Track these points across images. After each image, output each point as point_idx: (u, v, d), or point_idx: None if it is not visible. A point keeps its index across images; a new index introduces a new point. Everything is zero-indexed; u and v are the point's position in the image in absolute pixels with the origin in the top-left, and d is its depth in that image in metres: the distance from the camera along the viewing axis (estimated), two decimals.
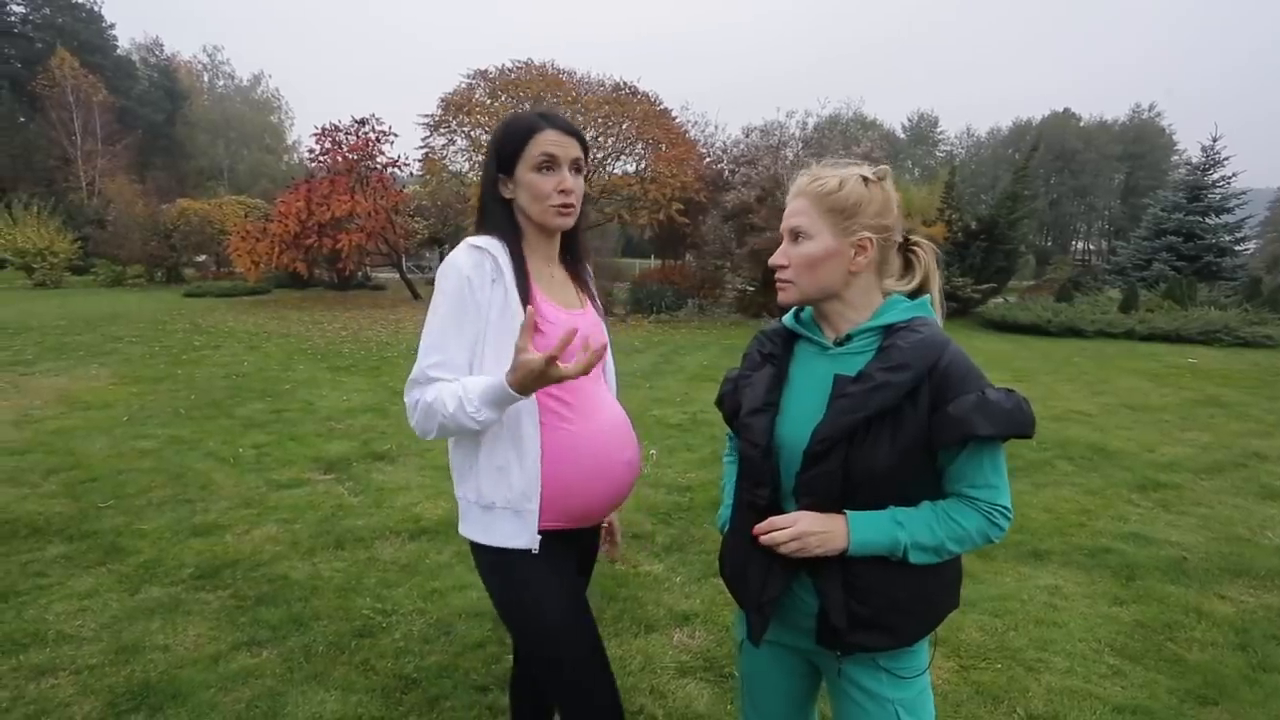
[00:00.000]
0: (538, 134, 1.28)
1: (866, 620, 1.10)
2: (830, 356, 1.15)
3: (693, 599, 2.84)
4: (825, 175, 1.13)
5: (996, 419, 1.02)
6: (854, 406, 1.06)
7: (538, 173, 1.28)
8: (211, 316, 13.10)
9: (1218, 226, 18.41)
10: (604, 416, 1.37)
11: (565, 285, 1.42)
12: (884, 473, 1.06)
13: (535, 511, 1.27)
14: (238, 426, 5.37)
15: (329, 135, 15.61)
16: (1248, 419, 6.29)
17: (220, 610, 2.68)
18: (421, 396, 1.24)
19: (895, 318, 1.12)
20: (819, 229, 1.12)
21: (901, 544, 1.06)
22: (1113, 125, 50.80)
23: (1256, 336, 11.52)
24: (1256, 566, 3.27)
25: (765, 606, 1.16)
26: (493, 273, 1.26)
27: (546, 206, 1.30)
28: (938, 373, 1.05)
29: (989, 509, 1.08)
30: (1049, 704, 2.23)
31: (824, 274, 1.13)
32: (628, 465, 1.39)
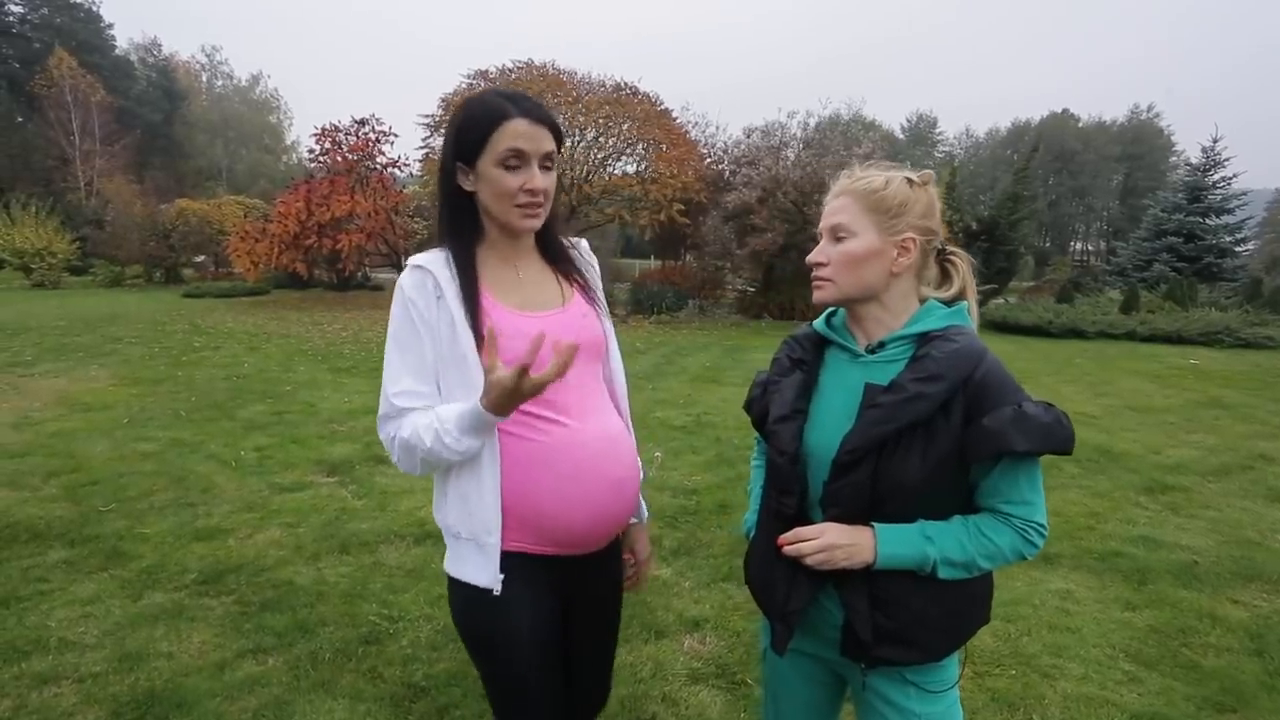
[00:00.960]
0: (506, 123, 1.12)
1: (892, 634, 1.07)
2: (862, 364, 1.12)
3: (703, 604, 2.81)
4: (869, 174, 1.10)
5: (1034, 434, 0.99)
6: (885, 417, 1.03)
7: (503, 168, 1.13)
8: (211, 317, 13.06)
9: (1218, 227, 18.44)
10: (589, 427, 1.20)
11: (541, 283, 1.26)
12: (914, 485, 1.03)
13: (496, 545, 1.15)
14: (239, 428, 5.34)
15: (329, 135, 15.58)
16: (1252, 421, 6.27)
17: (225, 617, 2.65)
18: (397, 432, 1.15)
19: (931, 325, 1.09)
20: (862, 226, 1.09)
21: (930, 559, 1.04)
22: (1111, 126, 50.88)
23: (1258, 338, 11.51)
24: (1268, 571, 3.25)
25: (790, 616, 1.13)
26: (435, 291, 1.15)
27: (510, 207, 1.16)
28: (973, 384, 1.02)
29: (1023, 526, 1.05)
30: (1065, 711, 2.20)
31: (866, 273, 1.09)
32: (614, 485, 1.21)
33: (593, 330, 1.27)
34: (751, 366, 8.77)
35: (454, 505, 1.20)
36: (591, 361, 1.26)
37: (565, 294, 1.28)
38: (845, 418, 1.08)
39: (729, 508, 3.89)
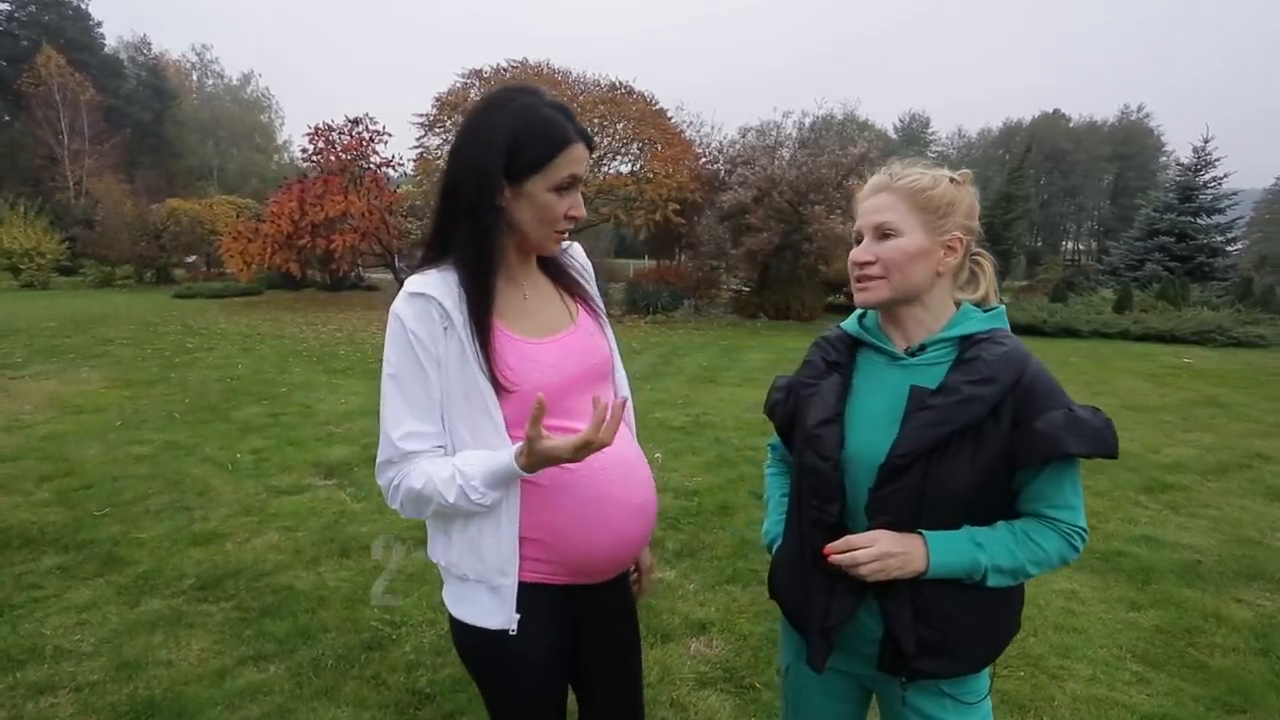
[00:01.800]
0: (570, 148, 1.05)
1: (935, 646, 1.05)
2: (903, 367, 1.09)
3: (708, 607, 2.79)
4: (914, 172, 1.07)
5: (1087, 437, 0.97)
6: (939, 420, 1.00)
7: (556, 194, 1.06)
8: (203, 318, 12.95)
9: (1209, 227, 18.57)
10: (608, 454, 1.09)
11: (547, 303, 1.19)
12: (963, 490, 1.01)
13: (512, 586, 1.10)
14: (234, 431, 5.28)
15: (322, 135, 15.48)
16: (1247, 419, 6.30)
17: (224, 623, 2.61)
18: (403, 481, 1.07)
19: (973, 328, 1.07)
20: (910, 225, 1.06)
21: (982, 566, 1.01)
22: (1102, 126, 51.16)
23: (1249, 336, 11.60)
24: (1270, 569, 3.26)
25: (830, 631, 1.09)
26: (442, 321, 1.06)
27: (551, 231, 1.10)
28: (1021, 387, 1.00)
29: (1069, 531, 1.03)
30: (1075, 713, 2.19)
31: (915, 272, 1.06)
32: (637, 511, 1.17)
33: (601, 349, 1.22)
34: (749, 367, 8.76)
35: (460, 547, 1.12)
36: (603, 382, 1.22)
37: (572, 311, 1.22)
38: (888, 421, 1.05)
39: (731, 509, 3.88)
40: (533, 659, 1.15)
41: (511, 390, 1.07)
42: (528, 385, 1.07)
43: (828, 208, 12.94)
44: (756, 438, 5.33)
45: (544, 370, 1.10)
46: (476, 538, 1.10)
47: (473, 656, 1.19)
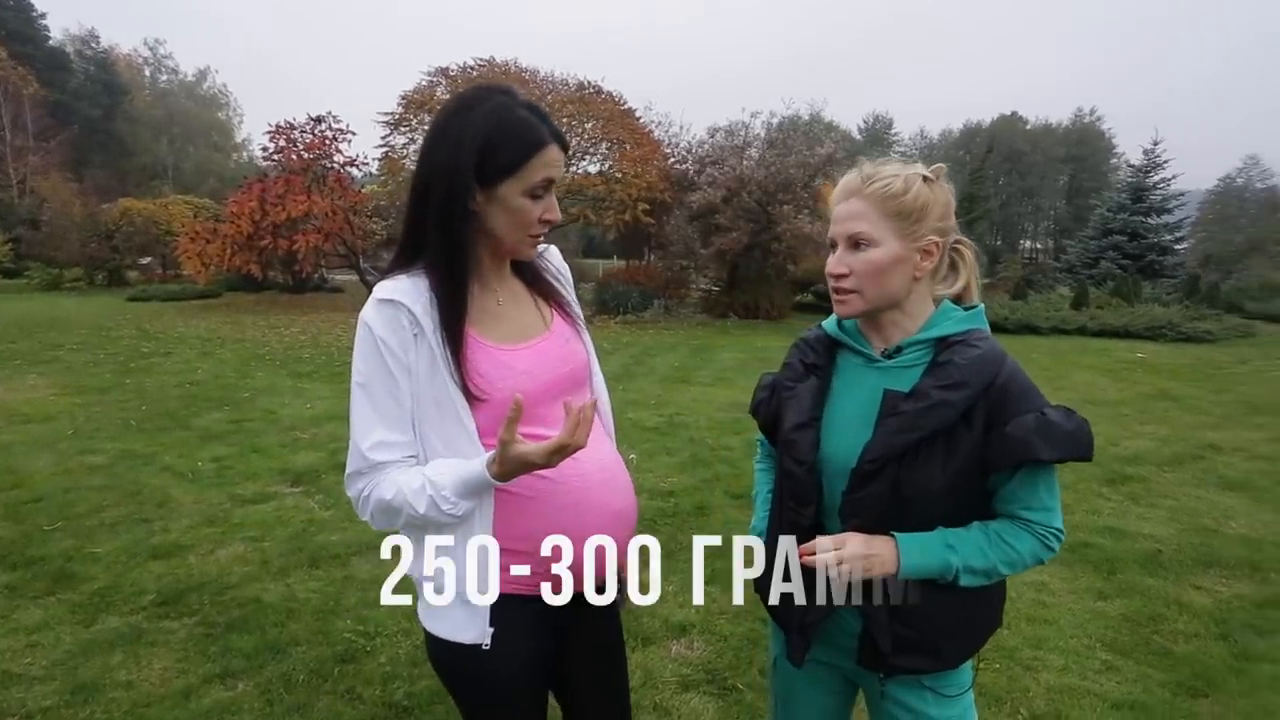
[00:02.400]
0: (545, 150, 1.02)
1: (911, 643, 1.05)
2: (879, 369, 1.09)
3: (687, 608, 2.78)
4: (884, 175, 1.05)
5: (1058, 442, 0.97)
6: (908, 426, 1.00)
7: (530, 198, 1.03)
8: (159, 321, 12.53)
9: (1159, 226, 19.26)
10: (587, 460, 1.09)
11: (521, 308, 1.16)
12: (936, 494, 1.01)
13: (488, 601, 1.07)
14: (195, 438, 5.11)
15: (283, 133, 15.08)
16: (1199, 411, 6.54)
17: (188, 639, 2.51)
18: (373, 491, 1.04)
19: (950, 329, 1.06)
20: (883, 234, 1.04)
21: (953, 567, 1.01)
22: (1057, 129, 52.63)
23: (1197, 332, 12.05)
24: (1226, 556, 3.37)
25: (808, 628, 1.10)
26: (411, 328, 1.03)
27: (525, 236, 1.07)
28: (994, 390, 1.00)
29: (1043, 532, 1.03)
30: (1050, 703, 2.23)
31: (890, 282, 1.05)
32: (616, 517, 1.14)
33: (578, 354, 1.19)
34: (720, 366, 8.80)
35: (431, 556, 1.08)
36: (580, 388, 1.19)
37: (546, 317, 1.19)
38: (862, 425, 1.05)
39: (707, 509, 3.88)
40: (509, 673, 1.12)
41: (483, 399, 1.05)
42: (500, 393, 1.04)
43: (796, 207, 13.07)
44: (730, 437, 5.35)
45: (517, 377, 1.08)
46: (450, 547, 1.07)
47: (447, 671, 1.15)
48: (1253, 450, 5.24)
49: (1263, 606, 2.91)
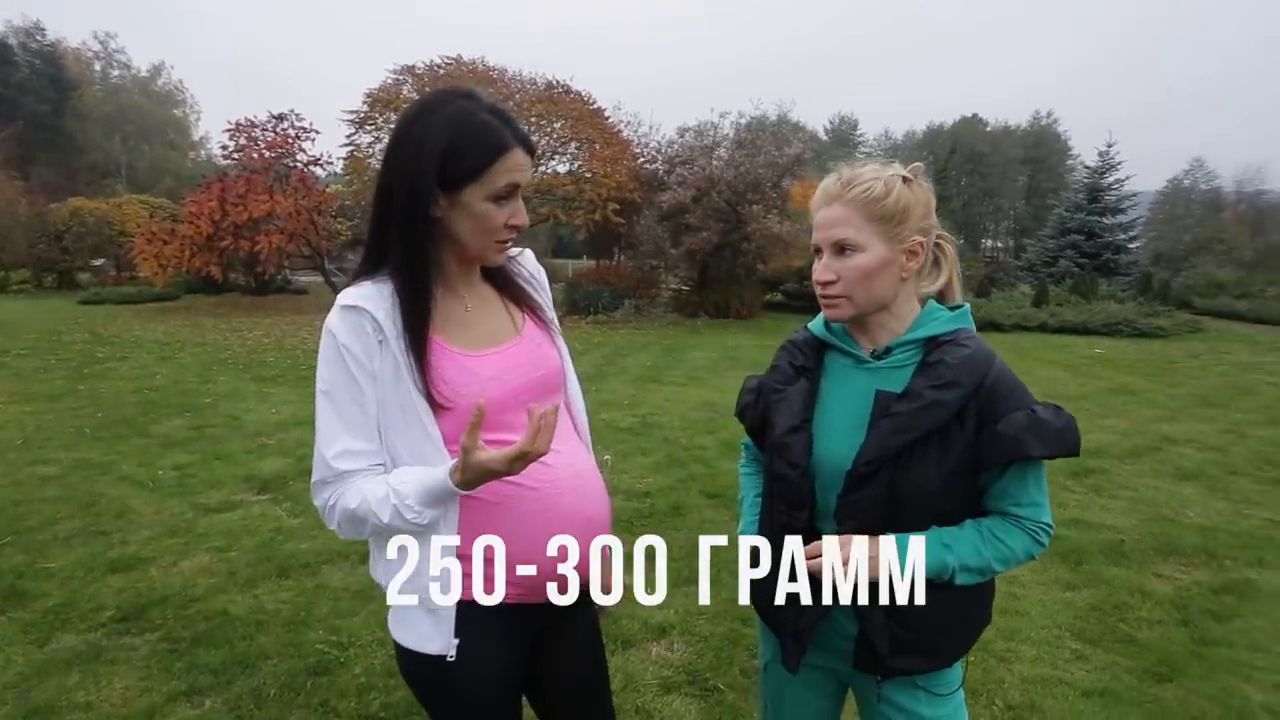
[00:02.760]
0: (507, 155, 1.00)
1: (908, 644, 1.06)
2: (868, 370, 1.09)
3: (666, 610, 2.77)
4: (864, 179, 1.05)
5: (1049, 439, 0.98)
6: (903, 426, 1.00)
7: (494, 203, 1.01)
8: (114, 325, 12.10)
9: (1114, 226, 19.86)
10: (558, 465, 1.08)
11: (490, 314, 1.14)
12: (930, 494, 1.02)
13: (451, 610, 1.05)
14: (155, 446, 4.94)
15: (244, 131, 14.71)
16: (1155, 405, 6.76)
17: (151, 656, 2.41)
18: (339, 501, 1.02)
19: (938, 329, 1.07)
20: (868, 239, 1.04)
21: (950, 567, 1.02)
22: (1015, 130, 54.04)
23: (1151, 327, 12.47)
24: (1184, 545, 3.49)
25: (803, 633, 1.10)
26: (375, 334, 1.01)
27: (491, 242, 1.05)
28: (985, 389, 1.01)
29: (1034, 527, 1.05)
30: (1024, 693, 2.28)
31: (878, 286, 1.05)
32: (586, 525, 1.11)
33: (549, 360, 1.16)
34: (692, 366, 8.83)
35: (398, 566, 1.07)
36: (552, 394, 1.16)
37: (517, 322, 1.16)
38: (855, 427, 1.05)
39: (683, 509, 3.88)
40: (479, 684, 1.09)
41: (448, 406, 1.03)
42: (465, 400, 1.02)
43: (765, 207, 13.18)
44: (704, 436, 5.36)
45: (484, 384, 1.06)
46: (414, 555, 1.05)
47: (416, 682, 1.13)
48: (1204, 441, 5.43)
49: (1219, 592, 3.02)
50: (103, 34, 41.22)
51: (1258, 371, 8.73)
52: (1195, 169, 48.01)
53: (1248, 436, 5.59)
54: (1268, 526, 3.76)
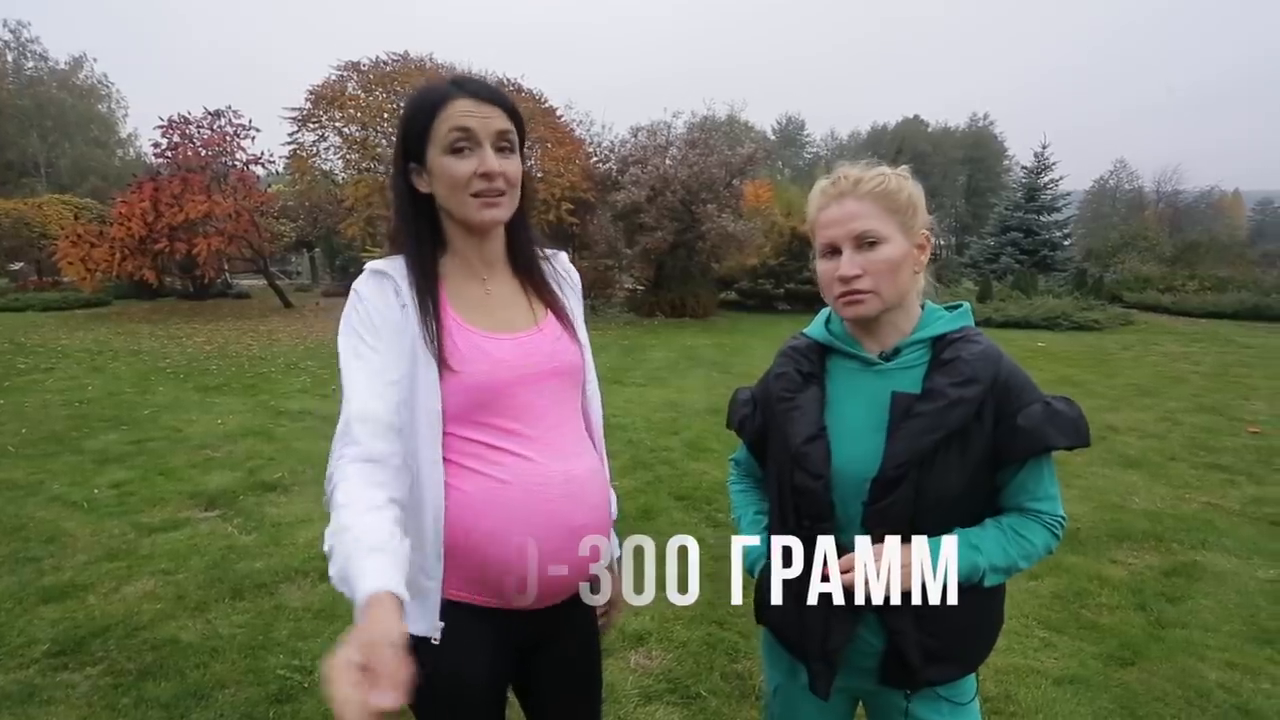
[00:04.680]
0: (447, 105, 1.01)
1: (938, 653, 1.03)
2: (878, 372, 1.06)
3: (642, 616, 2.73)
4: (873, 174, 1.04)
5: (1067, 430, 0.99)
6: (930, 426, 0.98)
7: (452, 155, 1.01)
8: (38, 333, 11.38)
9: (1050, 224, 20.75)
10: (551, 467, 1.04)
11: (510, 301, 1.12)
12: (955, 494, 1.00)
13: (436, 589, 1.01)
14: (89, 463, 4.63)
15: (177, 128, 14.04)
16: (1096, 395, 7.05)
17: (92, 692, 2.24)
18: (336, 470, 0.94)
19: (944, 327, 1.06)
20: (891, 231, 1.02)
21: (980, 569, 1.01)
22: (955, 131, 55.99)
23: (1087, 321, 13.07)
24: (1134, 530, 3.63)
25: (832, 654, 1.05)
26: (399, 300, 1.03)
27: (465, 197, 1.02)
28: (999, 384, 1.01)
29: (1051, 521, 1.04)
30: (999, 684, 2.32)
31: (902, 279, 1.03)
32: (572, 534, 1.05)
33: (568, 356, 1.12)
34: (651, 366, 8.81)
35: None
36: (567, 390, 1.12)
37: (538, 315, 1.13)
38: (870, 431, 1.02)
39: (652, 513, 3.84)
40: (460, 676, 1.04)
41: (455, 370, 1.00)
42: (474, 376, 1.01)
43: (719, 206, 13.28)
44: (669, 438, 5.34)
45: (494, 364, 1.03)
46: None
47: None
48: (1144, 429, 5.70)
49: (1169, 575, 3.15)
50: (14, 23, 38.65)
51: (1184, 361, 9.22)
52: (1119, 169, 50.62)
53: (1182, 423, 5.89)
54: (1206, 510, 3.95)
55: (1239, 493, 4.23)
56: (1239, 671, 2.40)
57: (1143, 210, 43.08)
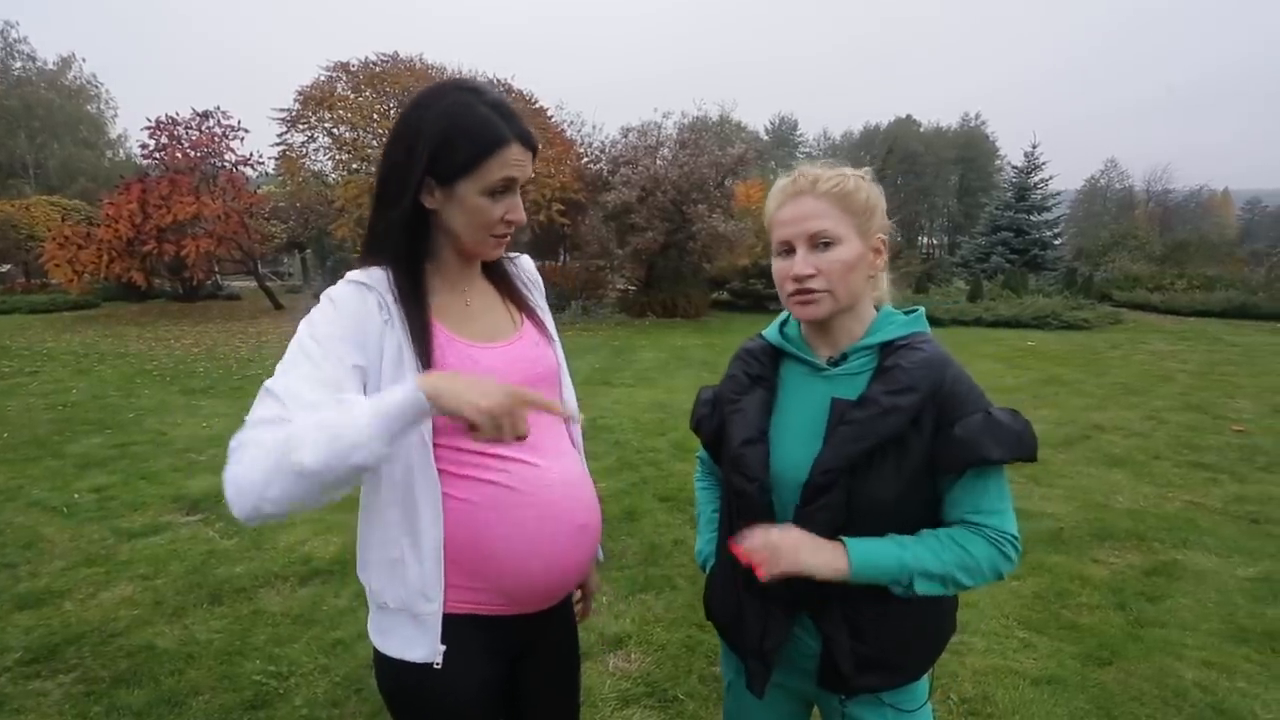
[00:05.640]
0: (504, 149, 0.98)
1: (872, 661, 1.02)
2: (825, 378, 1.06)
3: (623, 619, 2.72)
4: (833, 175, 1.02)
5: (1006, 441, 0.95)
6: (859, 434, 0.97)
7: (489, 197, 1.00)
8: (24, 336, 11.29)
9: (1040, 223, 20.86)
10: (551, 470, 1.07)
11: (491, 311, 1.13)
12: (888, 504, 0.98)
13: (437, 613, 1.00)
14: (70, 467, 4.59)
15: (165, 129, 13.96)
16: (1084, 394, 7.09)
17: (64, 700, 2.22)
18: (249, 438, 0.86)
19: (894, 333, 1.04)
20: (846, 231, 1.00)
21: (908, 568, 0.97)
22: (947, 131, 56.19)
23: (1077, 320, 13.12)
24: (1116, 530, 3.65)
25: (768, 654, 1.06)
26: (382, 314, 0.99)
27: (487, 236, 1.03)
28: (941, 393, 0.98)
29: (997, 537, 0.99)
30: (977, 685, 2.32)
31: (855, 281, 1.02)
32: (579, 531, 1.09)
33: (547, 359, 1.15)
34: (641, 367, 8.80)
35: (380, 569, 1.03)
36: (550, 393, 1.14)
37: (516, 320, 1.15)
38: (811, 436, 1.02)
39: (637, 514, 3.83)
40: (460, 698, 1.05)
41: None
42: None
43: (709, 207, 13.28)
44: (656, 439, 5.34)
45: (486, 374, 1.02)
46: (400, 559, 1.00)
47: (392, 693, 1.08)
48: (1130, 428, 5.72)
49: (1150, 574, 3.16)
50: (1, 23, 38.33)
51: (1172, 360, 9.27)
52: (1110, 169, 50.93)
53: (1167, 422, 5.92)
54: (1189, 508, 3.97)
55: (1221, 491, 4.25)
56: (1216, 670, 2.41)
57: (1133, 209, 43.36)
